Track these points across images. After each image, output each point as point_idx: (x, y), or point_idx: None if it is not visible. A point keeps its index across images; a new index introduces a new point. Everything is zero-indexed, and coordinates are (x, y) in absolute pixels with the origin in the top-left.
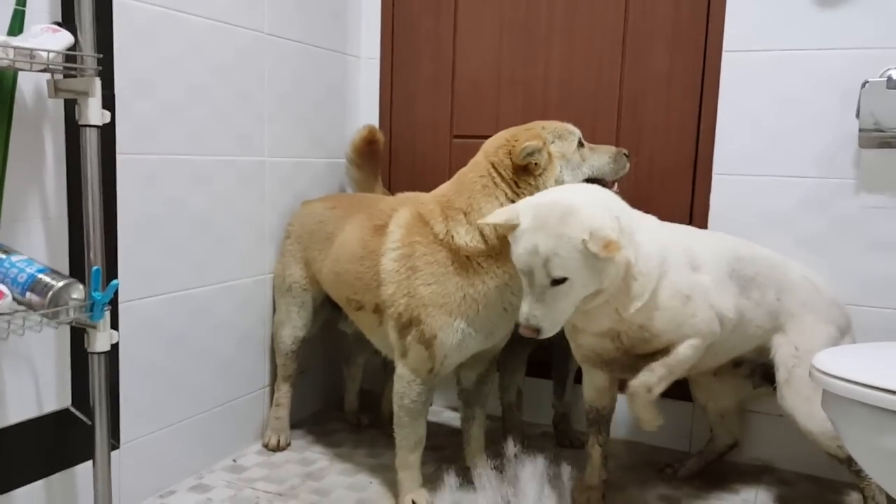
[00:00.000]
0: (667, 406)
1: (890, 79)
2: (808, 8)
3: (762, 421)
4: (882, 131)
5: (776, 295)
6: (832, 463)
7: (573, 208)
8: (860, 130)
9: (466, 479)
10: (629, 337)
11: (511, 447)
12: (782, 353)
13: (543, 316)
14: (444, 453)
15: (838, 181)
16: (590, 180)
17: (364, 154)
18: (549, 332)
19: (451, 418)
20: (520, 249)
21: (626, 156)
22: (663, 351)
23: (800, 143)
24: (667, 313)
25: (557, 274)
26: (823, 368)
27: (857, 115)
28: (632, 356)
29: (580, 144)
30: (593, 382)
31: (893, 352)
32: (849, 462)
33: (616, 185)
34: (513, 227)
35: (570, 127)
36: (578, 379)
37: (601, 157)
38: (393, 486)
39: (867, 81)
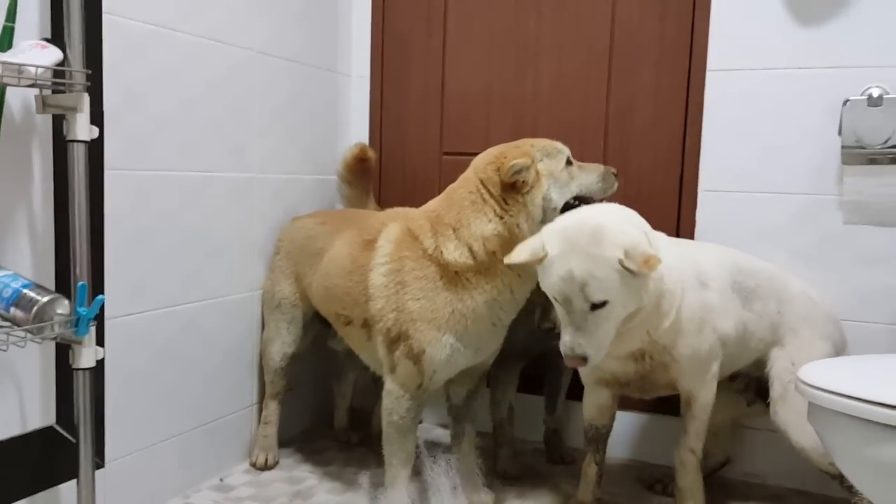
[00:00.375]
0: (658, 422)
1: (870, 97)
2: (791, 27)
3: (754, 436)
4: (863, 148)
5: (777, 307)
6: (824, 479)
7: (602, 227)
8: (843, 147)
9: (457, 495)
10: (653, 360)
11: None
12: (778, 368)
13: (588, 344)
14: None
15: (822, 197)
16: (577, 199)
17: (356, 171)
18: (595, 359)
19: (441, 435)
20: (552, 278)
21: (615, 175)
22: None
23: (784, 160)
24: (687, 338)
25: (597, 298)
26: (809, 381)
27: (840, 133)
28: (648, 381)
29: (568, 162)
30: (596, 401)
31: (878, 364)
32: (841, 478)
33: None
34: (540, 260)
35: (559, 145)
36: (570, 395)
37: (589, 176)
38: None
39: (848, 99)
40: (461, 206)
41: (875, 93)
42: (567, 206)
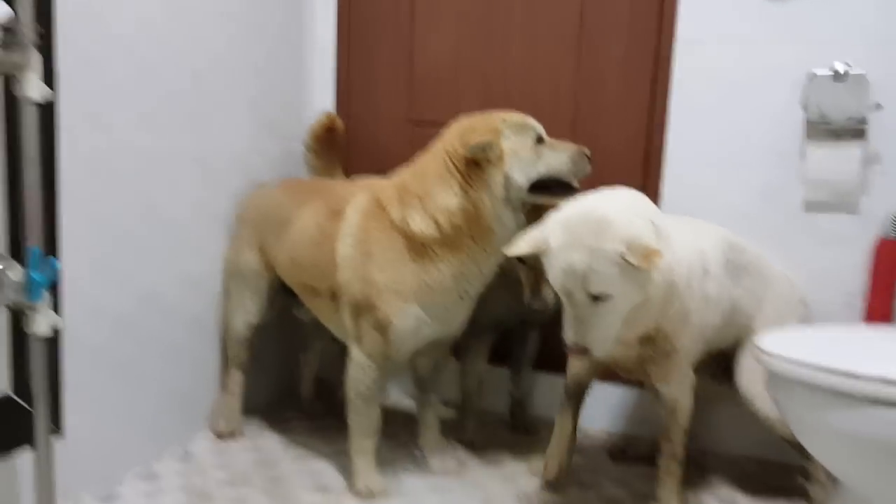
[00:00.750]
0: (622, 392)
1: (836, 72)
2: (758, 1)
3: (716, 408)
4: (828, 123)
5: (762, 284)
6: (783, 447)
7: (606, 219)
8: (807, 122)
9: (421, 464)
10: (656, 346)
11: None
12: (752, 340)
13: (592, 336)
14: (399, 440)
15: (786, 172)
16: (546, 179)
17: (323, 141)
18: (600, 351)
19: (407, 405)
20: (554, 270)
21: (588, 157)
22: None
23: (749, 135)
24: (690, 328)
25: (598, 291)
26: (766, 349)
27: (804, 108)
28: (644, 368)
29: (539, 140)
30: (586, 364)
31: (834, 334)
32: (800, 446)
33: (576, 182)
34: (542, 252)
35: (531, 121)
36: (536, 366)
37: (559, 157)
38: (348, 472)
39: (814, 74)
40: (428, 177)
41: (840, 68)
42: (538, 186)
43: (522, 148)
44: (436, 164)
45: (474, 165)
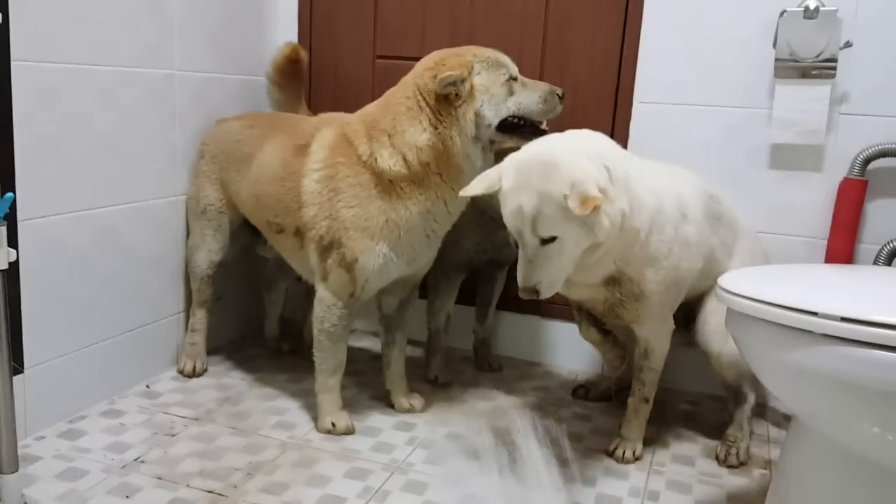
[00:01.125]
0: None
1: (807, 9)
2: None
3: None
4: (797, 62)
5: (734, 237)
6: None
7: (555, 161)
8: (776, 60)
9: (386, 402)
10: (622, 289)
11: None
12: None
13: (541, 277)
14: (364, 378)
15: (754, 111)
16: (519, 118)
17: (286, 74)
18: (548, 292)
19: (372, 343)
20: (506, 211)
21: (560, 97)
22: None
23: (719, 72)
24: (660, 272)
25: (545, 234)
26: (727, 287)
27: (774, 45)
28: (612, 316)
29: (512, 79)
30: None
31: (793, 272)
32: (735, 390)
33: (545, 124)
34: (495, 193)
35: (504, 59)
36: (500, 306)
37: (530, 95)
38: (313, 410)
39: (785, 11)
40: (397, 111)
41: (811, 4)
42: (507, 124)
43: (494, 85)
44: (405, 99)
45: (444, 101)
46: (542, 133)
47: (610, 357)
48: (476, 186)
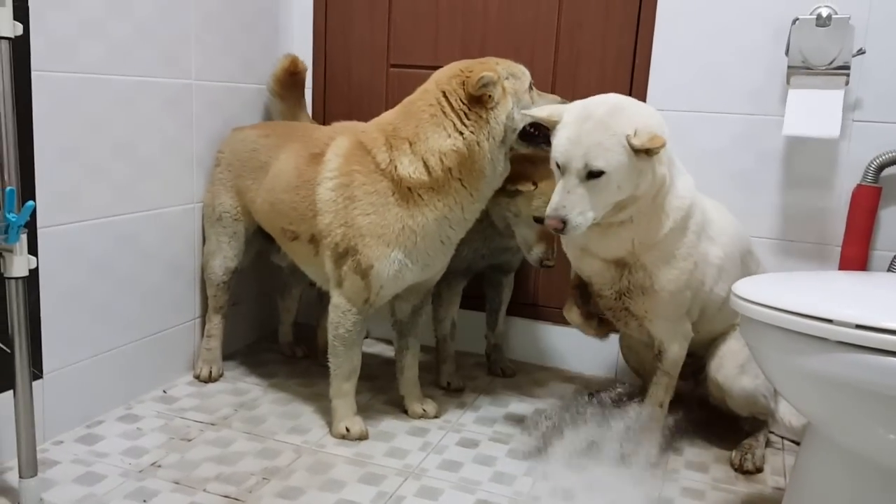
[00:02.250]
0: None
1: (819, 16)
2: None
3: None
4: (810, 68)
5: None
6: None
7: (624, 104)
8: (788, 67)
9: (399, 408)
10: (632, 276)
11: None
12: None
13: (572, 207)
14: (378, 383)
15: (766, 118)
16: (535, 127)
17: (286, 85)
18: (574, 226)
19: (385, 349)
20: (561, 139)
21: None
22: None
23: (731, 79)
24: (671, 271)
25: (597, 165)
26: (743, 294)
27: (787, 53)
28: (621, 308)
29: (530, 88)
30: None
31: (808, 279)
32: (751, 421)
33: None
34: (555, 123)
35: (523, 68)
36: (511, 312)
37: (549, 105)
38: (327, 415)
39: (797, 18)
40: (420, 118)
41: (824, 12)
42: (524, 132)
43: (520, 90)
44: (429, 106)
45: (476, 104)
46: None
47: (593, 333)
48: (540, 111)
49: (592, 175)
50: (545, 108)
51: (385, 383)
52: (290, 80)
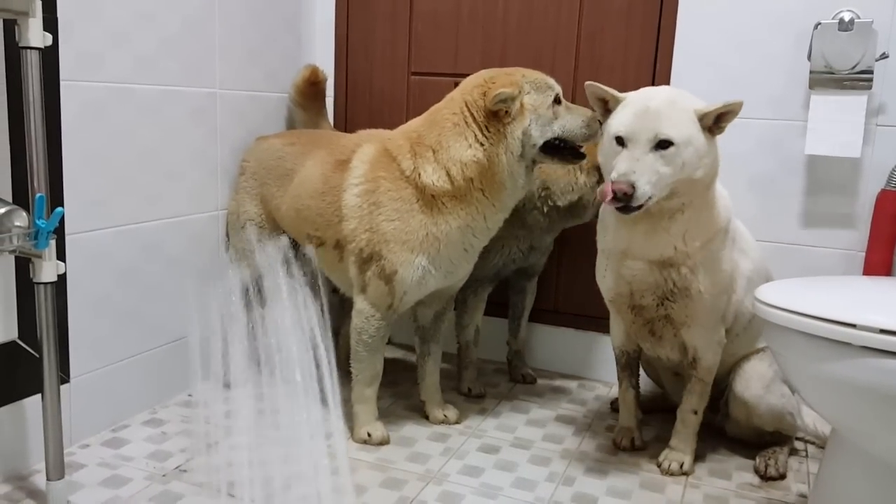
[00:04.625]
0: None
1: (841, 21)
2: None
3: None
4: (832, 73)
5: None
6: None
7: (683, 91)
8: (811, 72)
9: (421, 413)
10: (680, 277)
11: None
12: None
13: (641, 174)
14: (399, 388)
15: (789, 123)
16: (561, 141)
17: (307, 95)
18: (642, 193)
19: (407, 355)
20: (626, 114)
21: (601, 123)
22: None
23: (753, 84)
24: (714, 276)
25: (667, 133)
26: (766, 299)
27: (809, 57)
28: (661, 315)
29: (557, 101)
30: (622, 327)
31: (830, 284)
32: (776, 435)
33: (584, 148)
34: (617, 101)
35: (551, 81)
36: (533, 318)
37: (574, 119)
38: (348, 420)
39: (819, 23)
40: (443, 127)
41: (846, 17)
42: (548, 146)
43: (541, 106)
44: (452, 115)
45: (493, 118)
46: (581, 157)
47: (626, 435)
48: (603, 90)
49: (661, 145)
50: (607, 88)
51: (406, 389)
52: (311, 90)
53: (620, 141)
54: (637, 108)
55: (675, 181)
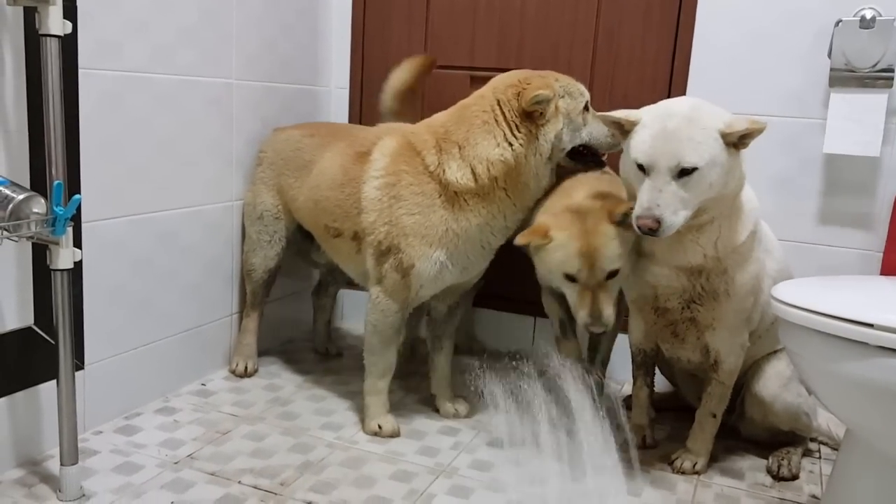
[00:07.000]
0: None
1: (863, 18)
2: None
3: None
4: (853, 71)
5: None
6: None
7: (701, 103)
8: (831, 70)
9: (431, 407)
10: (708, 282)
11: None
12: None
13: (666, 206)
14: (410, 381)
15: (808, 121)
16: (585, 147)
17: (406, 100)
18: (668, 226)
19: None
20: (643, 137)
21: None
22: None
23: (772, 81)
24: (747, 273)
25: (690, 161)
26: (783, 298)
27: (829, 55)
28: (685, 318)
29: (585, 108)
30: (642, 326)
31: (848, 283)
32: (791, 435)
33: (606, 156)
34: (633, 123)
35: (583, 88)
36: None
37: (601, 128)
38: (360, 412)
39: (840, 20)
40: (472, 124)
41: (868, 14)
42: (573, 150)
43: (574, 111)
44: (482, 112)
45: (527, 119)
46: (602, 164)
47: (638, 433)
48: (615, 113)
49: (684, 172)
50: (619, 113)
51: (417, 382)
52: (412, 91)
53: (641, 168)
54: (655, 131)
55: (703, 200)
